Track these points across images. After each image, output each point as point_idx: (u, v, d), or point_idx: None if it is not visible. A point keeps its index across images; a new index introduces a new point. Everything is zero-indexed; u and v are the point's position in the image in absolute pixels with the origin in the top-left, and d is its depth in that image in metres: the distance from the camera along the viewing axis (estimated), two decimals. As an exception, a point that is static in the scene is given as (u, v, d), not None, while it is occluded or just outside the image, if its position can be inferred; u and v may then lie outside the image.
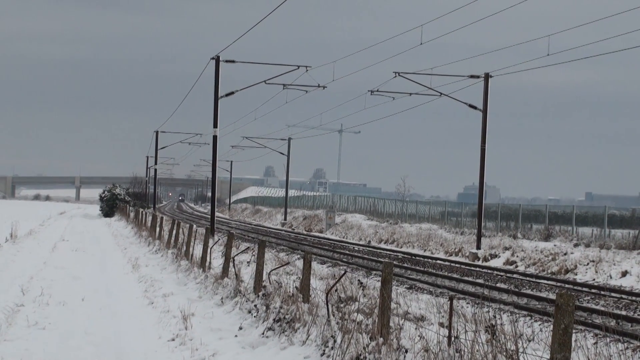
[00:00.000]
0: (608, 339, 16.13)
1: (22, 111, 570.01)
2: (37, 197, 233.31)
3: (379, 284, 12.67)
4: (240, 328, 14.85)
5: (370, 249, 47.59)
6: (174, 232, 33.37)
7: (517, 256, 38.74)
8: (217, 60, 42.67)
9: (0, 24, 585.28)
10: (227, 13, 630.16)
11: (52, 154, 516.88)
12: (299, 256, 32.04)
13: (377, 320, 11.82)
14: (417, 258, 40.90)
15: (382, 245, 51.57)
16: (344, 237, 59.63)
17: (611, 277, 31.19)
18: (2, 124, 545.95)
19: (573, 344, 8.42)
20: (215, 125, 43.30)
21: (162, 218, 43.23)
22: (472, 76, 42.64)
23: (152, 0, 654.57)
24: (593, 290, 27.31)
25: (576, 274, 33.05)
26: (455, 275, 31.61)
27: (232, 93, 44.36)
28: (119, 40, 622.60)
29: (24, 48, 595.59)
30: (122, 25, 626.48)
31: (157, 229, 39.77)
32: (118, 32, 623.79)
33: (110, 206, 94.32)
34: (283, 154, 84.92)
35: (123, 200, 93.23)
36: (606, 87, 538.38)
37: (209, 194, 66.33)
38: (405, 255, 42.05)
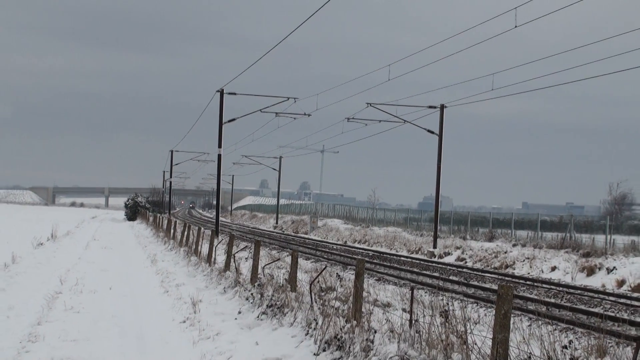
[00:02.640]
0: (540, 322, 16.17)
1: (62, 134, 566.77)
2: (73, 204, 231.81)
3: (353, 277, 12.66)
4: (240, 312, 14.80)
5: (346, 247, 47.54)
6: (186, 233, 33.26)
7: (467, 254, 38.82)
8: (221, 92, 42.72)
9: (45, 62, 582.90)
10: (229, 55, 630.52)
11: (86, 169, 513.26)
12: (287, 253, 31.95)
13: (351, 306, 11.81)
14: (384, 255, 40.89)
15: (356, 245, 51.54)
16: (324, 238, 59.55)
17: (543, 272, 31.30)
18: (45, 144, 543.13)
19: (512, 326, 8.45)
20: (219, 146, 43.26)
21: (175, 222, 43.05)
22: (430, 107, 42.76)
23: (169, 46, 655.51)
24: (528, 282, 27.38)
25: (514, 269, 33.15)
26: (415, 270, 31.62)
27: (234, 119, 44.41)
28: (141, 77, 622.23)
29: (65, 82, 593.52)
30: (143, 65, 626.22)
31: (172, 231, 39.62)
32: (140, 70, 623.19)
33: (133, 212, 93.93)
34: (275, 169, 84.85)
35: (144, 207, 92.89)
36: (538, 115, 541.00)
37: (215, 202, 66.11)
38: (375, 253, 42.03)
